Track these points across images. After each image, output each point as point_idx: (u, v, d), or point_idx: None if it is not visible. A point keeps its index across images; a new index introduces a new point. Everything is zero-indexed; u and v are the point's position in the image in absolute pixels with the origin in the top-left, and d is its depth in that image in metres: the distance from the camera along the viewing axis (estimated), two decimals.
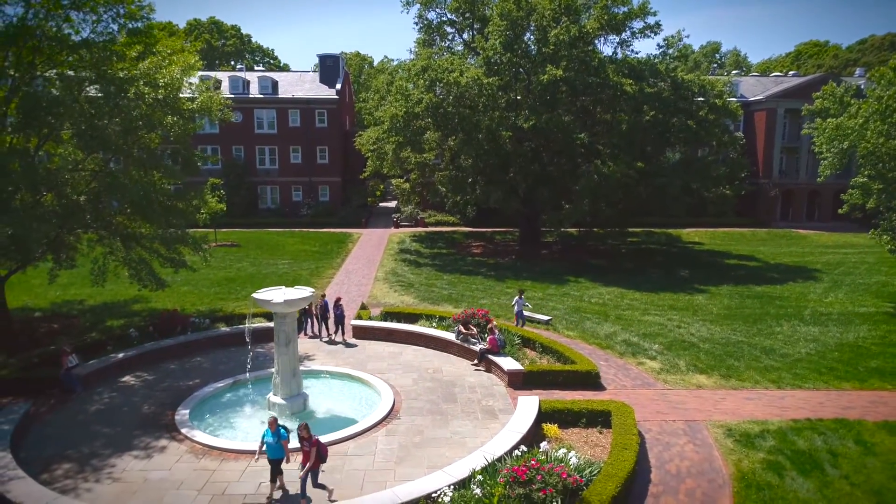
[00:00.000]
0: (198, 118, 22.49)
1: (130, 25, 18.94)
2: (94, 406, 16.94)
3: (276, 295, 16.14)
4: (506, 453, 13.14)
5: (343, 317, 22.88)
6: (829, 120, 27.63)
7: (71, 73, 19.32)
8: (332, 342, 22.56)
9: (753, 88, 62.01)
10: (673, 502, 12.62)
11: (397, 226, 56.34)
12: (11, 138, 19.15)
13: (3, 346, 21.15)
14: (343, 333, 22.92)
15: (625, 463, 12.83)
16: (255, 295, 16.24)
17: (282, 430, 12.39)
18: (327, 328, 23.09)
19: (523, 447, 13.46)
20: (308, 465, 12.01)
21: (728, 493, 13.01)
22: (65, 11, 18.57)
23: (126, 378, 18.99)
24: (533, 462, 11.90)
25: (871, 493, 13.02)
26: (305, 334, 23.06)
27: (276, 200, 59.32)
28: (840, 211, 31.05)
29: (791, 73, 73.54)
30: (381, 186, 71.20)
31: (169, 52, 20.36)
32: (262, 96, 57.59)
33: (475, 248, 46.20)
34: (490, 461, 12.64)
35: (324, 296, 23.50)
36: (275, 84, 58.75)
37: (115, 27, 19.33)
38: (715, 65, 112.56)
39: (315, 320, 23.39)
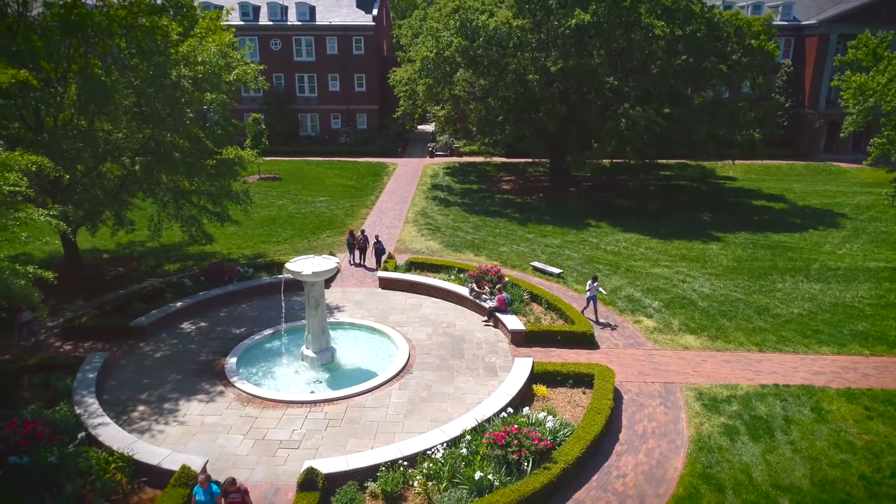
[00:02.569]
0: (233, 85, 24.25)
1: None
2: (159, 352, 20.18)
3: (305, 266, 18.56)
4: (494, 414, 15.67)
5: (383, 250, 27.90)
6: (854, 76, 27.36)
7: (121, 51, 21.22)
8: (370, 269, 27.77)
9: (808, 10, 58.80)
10: (632, 461, 15.04)
11: (432, 156, 57.73)
12: (73, 117, 21.45)
13: (79, 291, 24.61)
14: (379, 264, 27.48)
15: (594, 427, 15.21)
16: (287, 265, 18.69)
17: (213, 487, 12.15)
18: (371, 258, 28.36)
19: (510, 409, 15.96)
20: None
21: (682, 455, 15.31)
22: None
23: (184, 325, 22.17)
24: (513, 427, 14.34)
25: (808, 460, 15.10)
26: (351, 263, 28.43)
27: (316, 128, 61.09)
28: (864, 164, 31.17)
29: None
30: (420, 110, 71.81)
31: (205, 31, 21.94)
32: (299, 23, 58.05)
33: (505, 183, 47.57)
34: (479, 422, 15.20)
35: (363, 231, 29.08)
36: (312, 10, 58.91)
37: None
38: None
39: (360, 252, 28.35)
